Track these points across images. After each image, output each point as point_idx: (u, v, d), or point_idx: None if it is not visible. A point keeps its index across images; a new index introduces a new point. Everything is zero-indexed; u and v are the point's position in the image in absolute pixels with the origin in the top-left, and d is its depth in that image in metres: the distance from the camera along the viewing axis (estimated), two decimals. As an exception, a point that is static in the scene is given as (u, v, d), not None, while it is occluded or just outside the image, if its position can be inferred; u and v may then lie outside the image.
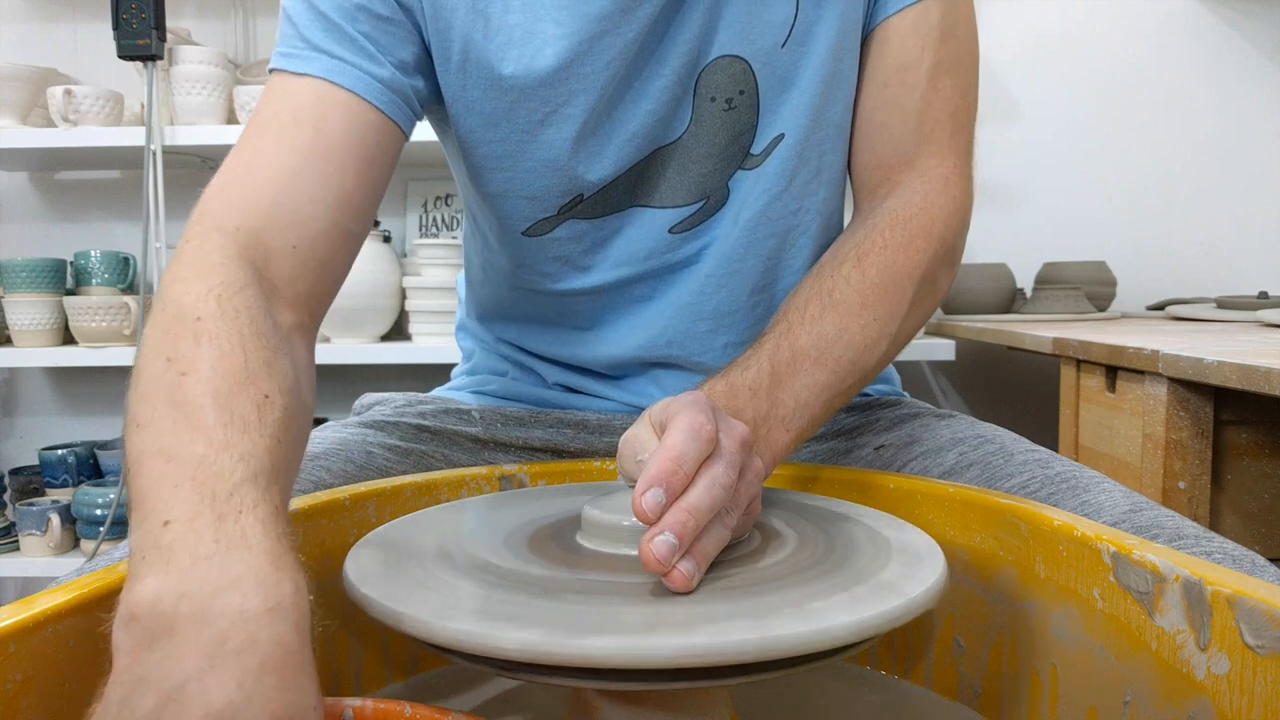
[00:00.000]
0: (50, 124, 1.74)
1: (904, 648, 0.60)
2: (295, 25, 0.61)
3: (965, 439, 0.68)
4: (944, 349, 1.65)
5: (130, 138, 1.66)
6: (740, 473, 0.43)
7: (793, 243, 0.72)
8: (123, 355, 1.68)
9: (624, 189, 0.69)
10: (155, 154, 1.63)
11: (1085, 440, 1.19)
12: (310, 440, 0.70)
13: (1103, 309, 1.72)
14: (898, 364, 0.81)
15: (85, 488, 1.71)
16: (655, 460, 0.40)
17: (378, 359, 1.69)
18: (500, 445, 0.77)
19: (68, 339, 1.77)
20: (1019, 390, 1.90)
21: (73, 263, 1.78)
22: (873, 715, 0.57)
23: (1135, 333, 1.25)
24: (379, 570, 0.43)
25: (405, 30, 0.63)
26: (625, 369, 0.77)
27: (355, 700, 0.38)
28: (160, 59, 1.63)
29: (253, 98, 1.68)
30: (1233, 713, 0.37)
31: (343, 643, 0.56)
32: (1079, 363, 1.20)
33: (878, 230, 0.64)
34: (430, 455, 0.74)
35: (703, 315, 0.72)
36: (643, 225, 0.70)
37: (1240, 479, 1.02)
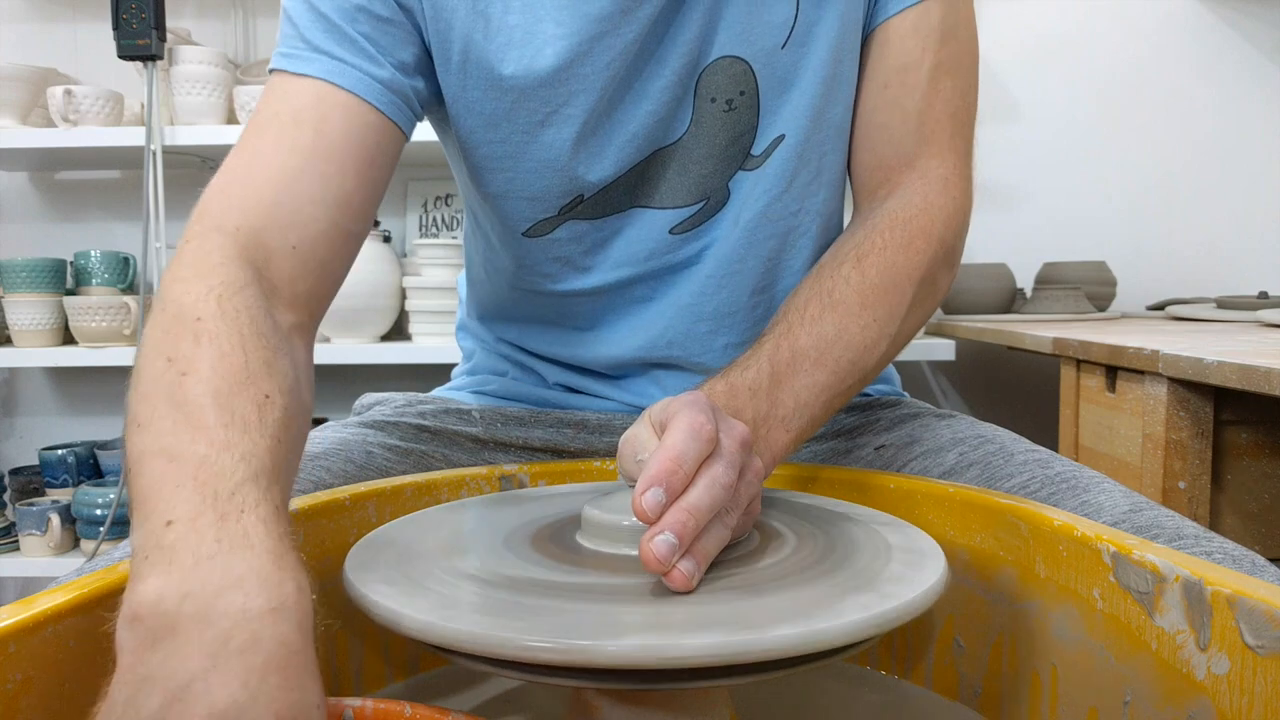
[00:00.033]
0: (50, 124, 1.74)
1: (904, 648, 0.60)
2: (296, 26, 0.61)
3: (965, 439, 0.68)
4: (944, 349, 1.65)
5: (130, 138, 1.66)
6: (740, 473, 0.43)
7: (793, 244, 0.72)
8: (123, 355, 1.68)
9: (624, 190, 0.69)
10: (155, 154, 1.63)
11: (1085, 440, 1.19)
12: (310, 440, 0.70)
13: (1103, 309, 1.72)
14: (898, 364, 0.82)
15: (85, 488, 1.71)
16: (655, 460, 0.40)
17: (378, 359, 1.69)
18: (500, 445, 0.77)
19: (68, 339, 1.77)
20: (1019, 390, 1.90)
21: (73, 263, 1.78)
22: (873, 715, 0.57)
23: (1135, 333, 1.25)
24: (379, 570, 0.43)
25: (405, 31, 0.63)
26: (625, 369, 0.77)
27: (355, 700, 0.38)
28: (160, 59, 1.63)
29: (253, 98, 1.68)
30: (1233, 713, 0.37)
31: (343, 643, 0.56)
32: (1079, 363, 1.20)
33: (877, 231, 0.64)
34: (430, 455, 0.74)
35: (703, 316, 0.72)
36: (643, 226, 0.70)
37: (1240, 479, 1.02)
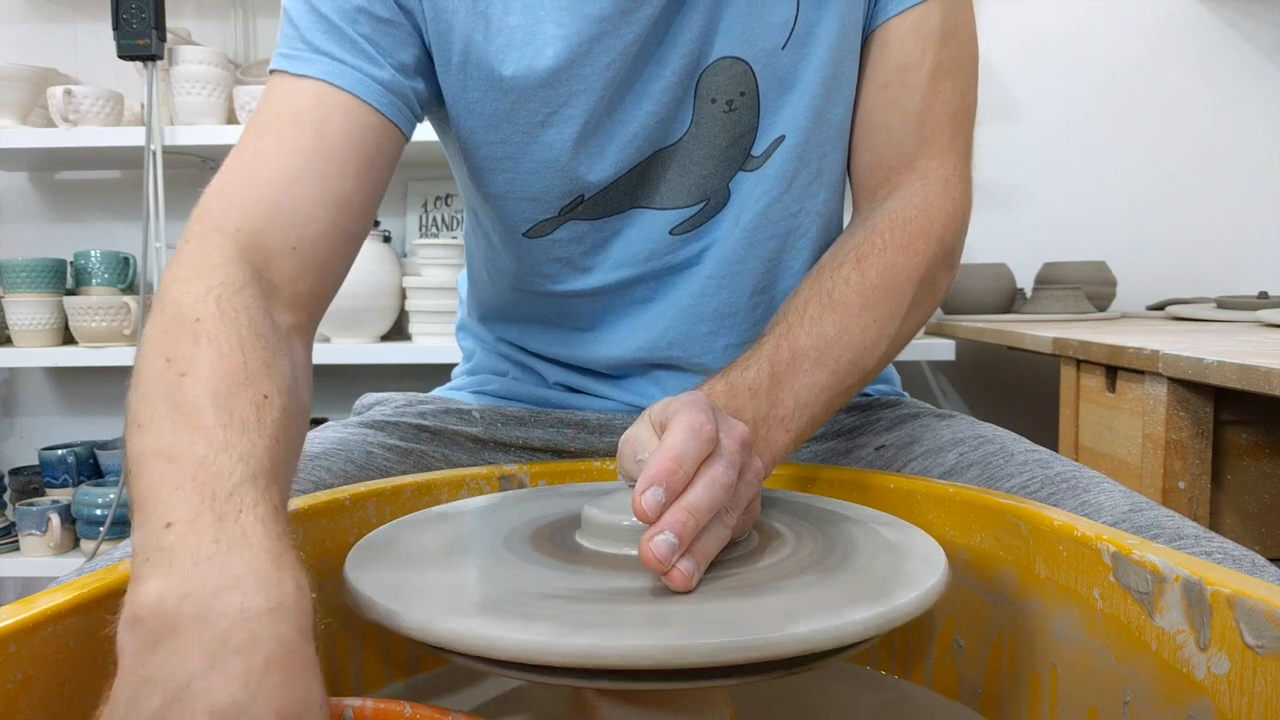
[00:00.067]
0: (50, 124, 1.74)
1: (904, 648, 0.60)
2: (296, 27, 0.61)
3: (965, 439, 0.68)
4: (944, 349, 1.65)
5: (130, 138, 1.66)
6: (740, 473, 0.43)
7: (793, 244, 0.72)
8: (123, 355, 1.68)
9: (624, 190, 0.69)
10: (155, 154, 1.63)
11: (1085, 440, 1.19)
12: (310, 440, 0.70)
13: (1103, 309, 1.72)
14: (898, 364, 0.81)
15: (85, 488, 1.71)
16: (655, 460, 0.40)
17: (378, 359, 1.69)
18: (500, 445, 0.77)
19: (68, 339, 1.77)
20: (1019, 390, 1.90)
21: (73, 263, 1.78)
22: (873, 715, 0.57)
23: (1135, 333, 1.25)
24: (379, 570, 0.43)
25: (405, 32, 0.63)
26: (626, 370, 0.77)
27: (355, 700, 0.39)
28: (160, 59, 1.63)
29: (253, 98, 1.68)
30: (1233, 713, 0.37)
31: (343, 642, 0.56)
32: (1079, 363, 1.20)
33: (877, 232, 0.64)
34: (430, 455, 0.74)
35: (703, 317, 0.72)
36: (643, 227, 0.70)
37: (1240, 479, 1.02)
